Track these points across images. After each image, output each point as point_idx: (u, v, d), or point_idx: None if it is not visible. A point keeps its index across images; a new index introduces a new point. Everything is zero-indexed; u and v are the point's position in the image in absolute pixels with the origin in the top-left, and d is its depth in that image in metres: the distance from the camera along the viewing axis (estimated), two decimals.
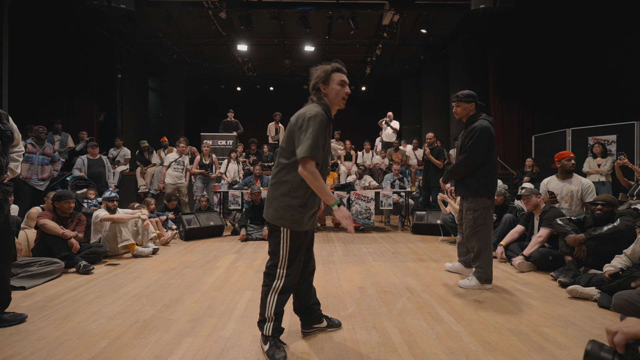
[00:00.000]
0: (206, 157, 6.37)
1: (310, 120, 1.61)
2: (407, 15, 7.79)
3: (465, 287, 2.78)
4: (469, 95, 2.78)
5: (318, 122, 1.61)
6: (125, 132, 8.97)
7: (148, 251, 3.95)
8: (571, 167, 3.55)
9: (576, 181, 3.55)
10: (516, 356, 1.74)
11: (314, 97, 1.77)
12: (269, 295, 1.72)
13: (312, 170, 1.59)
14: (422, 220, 5.35)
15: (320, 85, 1.74)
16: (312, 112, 1.64)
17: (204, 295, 2.63)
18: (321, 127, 1.62)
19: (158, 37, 9.23)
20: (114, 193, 4.14)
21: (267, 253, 1.82)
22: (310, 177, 1.60)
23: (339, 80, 1.73)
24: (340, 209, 1.65)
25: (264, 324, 1.74)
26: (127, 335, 1.97)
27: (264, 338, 1.76)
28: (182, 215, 5.11)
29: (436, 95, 10.26)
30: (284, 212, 1.69)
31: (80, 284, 2.93)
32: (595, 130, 6.32)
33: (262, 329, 1.75)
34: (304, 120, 1.63)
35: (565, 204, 3.55)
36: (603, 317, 2.22)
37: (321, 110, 1.68)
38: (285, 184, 1.71)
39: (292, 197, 1.69)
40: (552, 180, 3.73)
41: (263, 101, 13.31)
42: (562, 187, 3.61)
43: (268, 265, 1.78)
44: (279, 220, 1.71)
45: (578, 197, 3.50)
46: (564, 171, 3.59)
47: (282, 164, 1.73)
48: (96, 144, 5.84)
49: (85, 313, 2.29)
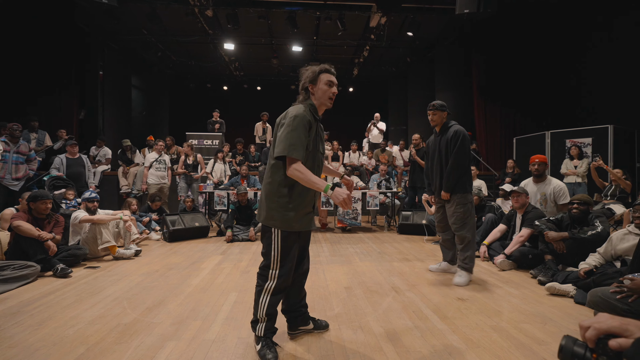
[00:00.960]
0: (190, 156, 6.27)
1: (291, 119, 1.64)
2: (393, 17, 7.89)
3: (463, 284, 2.87)
4: (443, 105, 3.10)
5: (298, 121, 1.63)
6: (107, 131, 8.71)
7: (130, 253, 3.85)
8: (535, 172, 3.67)
9: (549, 184, 3.66)
10: (497, 352, 1.78)
11: (302, 96, 1.79)
12: (262, 296, 1.73)
13: (297, 167, 1.60)
14: (407, 220, 5.42)
15: (308, 85, 1.77)
16: (294, 112, 1.67)
17: (188, 298, 2.58)
18: (301, 125, 1.62)
19: (142, 33, 9.01)
20: (94, 193, 4.02)
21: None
22: (297, 174, 1.60)
23: (326, 81, 1.75)
24: (335, 191, 1.59)
25: (257, 324, 1.75)
26: (107, 340, 1.91)
27: (257, 338, 1.76)
28: (166, 216, 5.00)
29: (422, 97, 10.41)
30: (274, 213, 1.70)
31: (58, 287, 2.83)
32: (572, 133, 6.56)
33: (255, 329, 1.75)
34: (287, 119, 1.67)
35: (541, 206, 3.65)
36: (578, 313, 2.31)
37: (304, 110, 1.69)
38: (271, 184, 1.73)
39: (280, 197, 1.70)
40: (528, 183, 3.84)
41: (250, 101, 13.20)
42: (536, 190, 3.73)
43: (261, 267, 1.79)
44: (270, 221, 1.72)
45: (551, 200, 3.61)
46: (533, 175, 3.73)
47: (270, 164, 1.75)
48: (75, 143, 5.65)
49: (62, 318, 2.20)
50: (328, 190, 1.58)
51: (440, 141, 3.06)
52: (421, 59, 10.10)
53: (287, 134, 1.61)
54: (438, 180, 3.10)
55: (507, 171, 6.52)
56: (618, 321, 0.53)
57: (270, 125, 8.53)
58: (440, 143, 3.06)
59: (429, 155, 3.27)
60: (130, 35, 9.01)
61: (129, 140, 7.16)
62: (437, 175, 3.11)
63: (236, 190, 5.20)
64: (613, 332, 0.52)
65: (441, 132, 3.08)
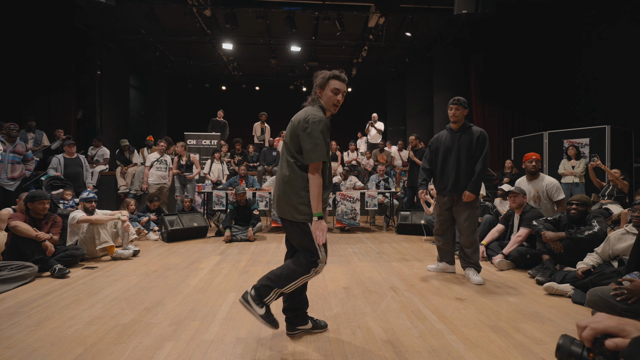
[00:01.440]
0: (183, 157, 6.26)
1: (316, 124, 1.73)
2: (392, 18, 7.90)
3: (481, 283, 2.91)
4: (465, 101, 3.03)
5: (323, 125, 1.76)
6: (105, 131, 8.68)
7: (128, 253, 3.83)
8: (532, 169, 3.66)
9: (542, 182, 3.66)
10: (496, 352, 1.78)
11: (314, 96, 1.89)
12: (300, 277, 1.75)
13: (317, 174, 1.73)
14: (406, 220, 5.42)
15: (317, 89, 1.87)
16: (317, 117, 1.76)
17: (187, 298, 2.57)
18: (325, 129, 1.77)
19: (140, 33, 8.98)
20: (92, 193, 4.00)
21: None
22: (313, 179, 1.73)
23: (333, 88, 1.84)
24: (320, 222, 1.73)
25: (270, 291, 1.74)
26: (105, 340, 1.90)
27: (261, 303, 1.73)
28: (165, 216, 4.99)
29: (420, 98, 10.44)
30: (303, 207, 1.76)
31: (55, 288, 2.82)
32: (569, 134, 6.59)
33: (267, 295, 1.74)
34: (307, 123, 1.74)
35: (535, 204, 3.66)
36: (576, 313, 2.32)
37: (322, 113, 1.82)
38: (296, 180, 1.78)
39: (307, 191, 1.76)
40: (522, 181, 3.85)
41: (248, 101, 13.18)
42: (529, 188, 3.73)
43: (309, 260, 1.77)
44: (301, 216, 1.76)
45: (545, 197, 3.62)
46: (528, 172, 3.72)
47: (288, 162, 1.81)
48: (73, 143, 5.63)
49: (60, 319, 2.20)
50: (316, 216, 1.73)
51: (460, 139, 2.97)
52: (420, 59, 10.12)
53: (316, 138, 1.72)
54: (452, 178, 2.98)
55: (505, 171, 6.54)
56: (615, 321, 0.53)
57: (268, 126, 8.52)
58: (460, 141, 2.97)
59: (439, 151, 3.10)
60: (128, 35, 8.98)
61: (127, 140, 7.13)
62: (452, 173, 2.99)
63: (235, 190, 5.19)
64: (610, 332, 0.52)
65: (461, 130, 3.00)
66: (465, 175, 2.95)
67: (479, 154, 2.92)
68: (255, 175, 6.86)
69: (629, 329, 0.51)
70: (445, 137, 3.09)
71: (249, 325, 2.10)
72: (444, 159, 3.06)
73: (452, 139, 3.02)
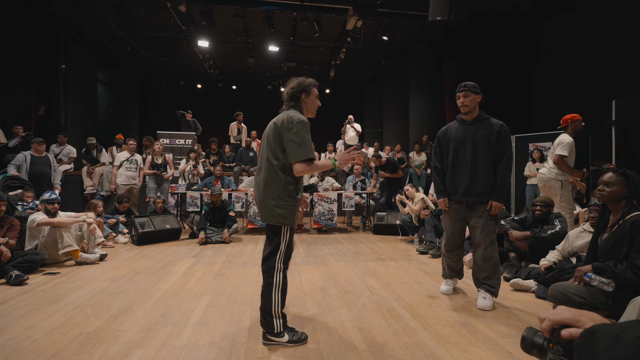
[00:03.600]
0: (158, 156, 6.04)
1: (300, 125, 1.78)
2: (369, 21, 8.03)
3: (489, 308, 2.39)
4: (476, 85, 2.46)
5: (305, 125, 1.81)
6: (70, 128, 8.18)
7: (94, 258, 3.64)
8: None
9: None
10: (466, 347, 1.85)
11: (292, 103, 1.91)
12: (274, 293, 1.82)
13: (306, 165, 1.77)
14: (382, 220, 5.52)
15: (302, 95, 1.91)
16: (298, 117, 1.81)
17: (158, 303, 2.48)
18: (308, 129, 1.82)
19: (109, 26, 8.57)
20: (54, 194, 3.76)
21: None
22: (307, 169, 1.77)
23: (316, 94, 1.97)
24: (339, 157, 1.83)
25: (273, 321, 1.82)
26: (67, 350, 1.79)
27: (278, 334, 1.83)
28: (135, 218, 4.78)
29: (397, 101, 10.68)
30: (284, 211, 1.81)
31: (12, 296, 2.62)
32: (534, 138, 6.97)
33: (273, 328, 1.82)
34: (292, 124, 1.77)
35: None
36: (539, 307, 2.46)
37: (303, 114, 1.89)
38: (278, 184, 1.81)
39: (289, 195, 1.82)
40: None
41: (225, 100, 12.91)
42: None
43: (267, 266, 1.85)
44: (281, 220, 1.81)
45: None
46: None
47: (272, 165, 1.82)
48: (42, 140, 5.26)
49: (17, 329, 2.05)
50: (335, 163, 1.83)
51: (476, 133, 2.42)
52: (396, 62, 10.35)
53: (302, 137, 1.76)
54: (467, 180, 2.43)
55: None
56: (572, 313, 0.57)
57: (245, 126, 8.38)
58: (475, 135, 2.42)
59: (449, 147, 2.54)
60: (96, 28, 8.53)
61: (94, 139, 6.76)
62: (466, 173, 2.43)
63: (210, 191, 5.07)
64: (566, 323, 0.56)
65: (475, 121, 2.46)
66: (483, 178, 2.39)
67: (500, 153, 2.38)
68: (232, 176, 6.73)
69: (584, 320, 0.55)
70: (456, 130, 2.52)
71: (223, 329, 2.05)
72: (454, 156, 2.50)
73: (465, 132, 2.46)
